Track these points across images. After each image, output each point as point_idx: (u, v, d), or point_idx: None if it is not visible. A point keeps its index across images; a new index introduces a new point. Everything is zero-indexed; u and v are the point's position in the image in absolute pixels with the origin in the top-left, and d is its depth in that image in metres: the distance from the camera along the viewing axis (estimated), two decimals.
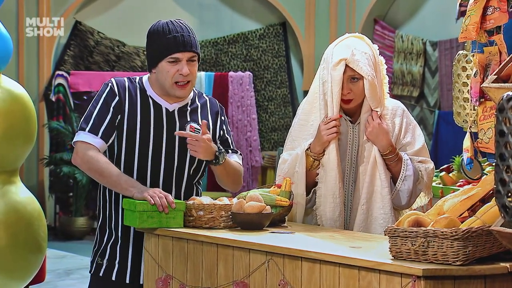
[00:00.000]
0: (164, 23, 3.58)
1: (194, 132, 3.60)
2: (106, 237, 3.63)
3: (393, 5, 10.40)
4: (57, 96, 10.12)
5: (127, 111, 3.59)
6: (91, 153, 3.52)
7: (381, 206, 3.61)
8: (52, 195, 10.17)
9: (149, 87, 3.64)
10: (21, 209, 4.05)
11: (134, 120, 3.58)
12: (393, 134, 3.69)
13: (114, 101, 3.58)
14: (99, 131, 3.55)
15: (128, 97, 3.60)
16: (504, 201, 2.45)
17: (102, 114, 3.57)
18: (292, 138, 3.76)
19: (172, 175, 3.61)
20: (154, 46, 3.57)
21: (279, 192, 3.58)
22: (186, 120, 3.64)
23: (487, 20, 3.14)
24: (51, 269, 7.46)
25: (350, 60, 3.58)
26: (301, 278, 3.00)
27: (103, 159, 3.53)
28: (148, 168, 3.58)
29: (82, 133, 3.57)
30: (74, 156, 3.58)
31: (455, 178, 6.29)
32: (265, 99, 10.94)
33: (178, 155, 3.61)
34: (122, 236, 3.60)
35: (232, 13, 11.03)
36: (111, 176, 3.49)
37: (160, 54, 3.55)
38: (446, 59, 9.56)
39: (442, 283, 2.69)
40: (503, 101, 2.45)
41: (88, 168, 3.54)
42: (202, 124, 3.57)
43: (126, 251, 3.60)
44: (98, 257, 3.63)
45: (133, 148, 3.57)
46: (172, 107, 3.63)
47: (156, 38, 3.56)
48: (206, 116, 3.69)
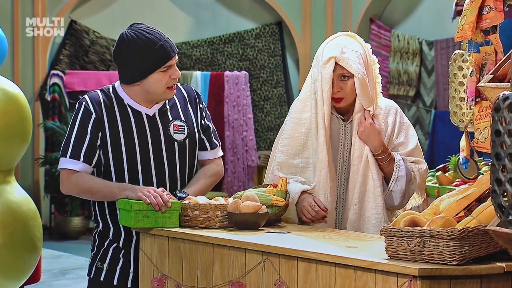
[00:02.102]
0: (138, 34, 3.48)
1: (179, 130, 3.59)
2: (106, 243, 3.61)
3: (389, 4, 10.40)
4: (53, 96, 10.11)
5: (108, 125, 3.54)
6: (74, 178, 3.52)
7: (373, 206, 3.61)
8: (48, 194, 10.16)
9: (125, 96, 3.58)
10: (17, 209, 4.04)
11: (116, 132, 3.54)
12: (386, 134, 3.68)
13: (91, 121, 3.53)
14: (80, 155, 3.52)
15: (106, 111, 3.55)
16: (500, 200, 2.44)
17: (81, 137, 3.53)
18: (285, 137, 3.75)
19: (165, 181, 3.59)
20: (141, 60, 3.48)
21: (275, 192, 3.57)
22: (168, 120, 3.61)
23: (483, 19, 3.13)
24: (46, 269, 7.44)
25: (339, 58, 3.58)
26: (297, 278, 3.00)
27: (86, 177, 3.52)
28: (140, 179, 3.55)
29: (64, 160, 3.55)
30: (61, 185, 3.59)
31: (451, 178, 6.30)
32: (261, 98, 10.94)
33: (167, 159, 3.59)
34: (124, 242, 3.58)
35: (228, 13, 11.02)
36: (101, 190, 3.49)
37: (153, 66, 3.48)
38: (442, 59, 9.56)
39: (438, 283, 2.69)
40: (499, 100, 2.44)
41: (79, 191, 3.55)
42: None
43: (128, 256, 3.58)
44: (98, 261, 3.61)
45: (121, 161, 3.54)
46: (151, 111, 3.59)
47: (141, 52, 3.47)
48: (186, 108, 3.66)
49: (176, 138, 3.60)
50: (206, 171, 3.71)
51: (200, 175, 3.69)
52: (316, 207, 3.57)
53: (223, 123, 10.30)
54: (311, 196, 3.61)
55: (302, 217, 3.63)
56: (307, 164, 3.70)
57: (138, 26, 3.55)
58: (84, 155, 3.53)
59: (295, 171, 3.71)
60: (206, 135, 3.70)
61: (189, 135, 3.62)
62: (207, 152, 3.72)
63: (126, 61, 3.53)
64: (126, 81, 3.56)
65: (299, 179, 3.68)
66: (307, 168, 3.70)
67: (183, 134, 3.61)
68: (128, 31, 3.54)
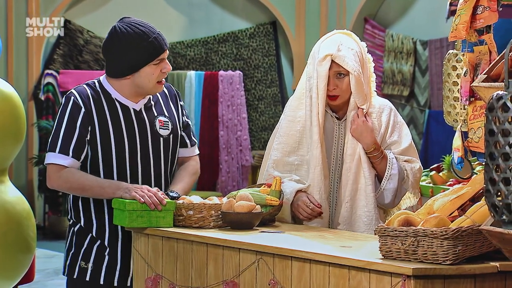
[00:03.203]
0: (131, 27, 3.48)
1: (163, 126, 3.59)
2: (87, 241, 3.56)
3: (383, 4, 10.41)
4: (46, 95, 10.09)
5: (97, 119, 3.52)
6: (64, 173, 3.48)
7: (364, 204, 3.61)
8: (42, 194, 10.14)
9: (113, 90, 3.56)
10: (10, 209, 4.03)
11: (106, 127, 3.53)
12: (379, 132, 3.68)
13: (81, 115, 3.51)
14: (69, 151, 3.49)
15: (95, 106, 3.53)
16: (494, 200, 2.45)
17: (70, 132, 3.50)
18: (280, 134, 3.75)
19: (150, 176, 3.57)
20: (133, 53, 3.46)
21: (269, 192, 3.57)
22: (153, 115, 3.61)
23: (477, 19, 3.14)
24: (40, 269, 7.43)
25: (336, 55, 3.58)
26: (291, 277, 3.00)
27: (77, 173, 3.49)
28: (128, 174, 3.54)
29: (52, 154, 3.51)
30: (47, 180, 3.53)
31: (445, 178, 6.30)
32: (255, 98, 10.93)
33: (153, 155, 3.57)
34: (110, 240, 3.55)
35: (222, 12, 11.01)
36: (93, 187, 3.46)
37: (145, 59, 3.47)
38: (437, 58, 9.57)
39: (432, 283, 2.69)
40: (493, 100, 2.44)
41: (69, 188, 3.51)
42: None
43: (115, 254, 3.55)
44: (81, 260, 3.55)
45: (109, 155, 3.52)
46: (138, 106, 3.59)
47: (134, 45, 3.45)
48: (168, 105, 3.67)
49: (162, 134, 3.60)
50: (189, 169, 3.70)
51: (183, 173, 3.68)
52: (311, 205, 3.57)
53: (217, 123, 10.30)
54: (305, 194, 3.61)
55: (298, 216, 3.63)
56: (302, 162, 3.70)
57: (129, 20, 3.54)
58: (73, 151, 3.49)
59: (290, 169, 3.71)
60: (186, 132, 3.72)
61: (173, 131, 3.64)
62: (187, 149, 3.73)
63: (118, 54, 3.50)
64: (116, 74, 3.54)
65: (293, 178, 3.68)
66: (302, 166, 3.70)
67: (168, 130, 3.62)
68: (119, 24, 3.52)
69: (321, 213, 3.59)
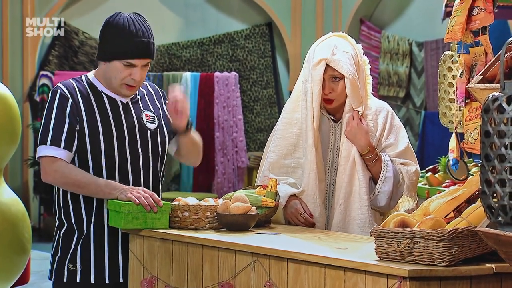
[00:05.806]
0: (126, 20, 3.50)
1: (150, 120, 3.60)
2: (74, 242, 3.54)
3: (379, 5, 10.42)
4: (42, 97, 10.07)
5: (84, 111, 3.50)
6: (60, 167, 3.44)
7: (358, 206, 3.61)
8: (37, 196, 10.12)
9: (99, 83, 3.57)
10: (5, 211, 4.03)
11: (94, 119, 3.50)
12: (374, 135, 3.68)
13: (69, 105, 3.48)
14: (60, 142, 3.45)
15: (81, 97, 3.52)
16: (490, 201, 2.45)
17: (60, 123, 3.47)
18: (276, 137, 3.75)
19: (139, 169, 3.56)
20: (111, 42, 3.48)
21: (265, 193, 3.57)
22: (140, 109, 3.61)
23: (472, 20, 3.14)
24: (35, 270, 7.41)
25: (330, 59, 3.58)
26: (287, 279, 2.99)
27: (74, 170, 3.45)
28: (116, 167, 3.51)
29: (44, 147, 3.47)
30: (42, 174, 3.48)
31: (441, 179, 6.30)
32: (251, 99, 10.93)
33: (142, 148, 3.56)
34: (95, 237, 3.52)
35: (218, 13, 11.01)
36: (89, 185, 3.43)
37: (117, 54, 3.47)
38: (432, 60, 9.58)
39: (428, 284, 2.69)
40: (488, 101, 2.44)
41: (64, 183, 3.47)
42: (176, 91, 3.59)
43: (101, 253, 3.52)
44: (68, 263, 3.53)
45: (98, 147, 3.49)
46: (125, 99, 3.59)
47: (115, 35, 3.47)
48: (154, 101, 3.67)
49: (149, 127, 3.60)
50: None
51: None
52: (304, 215, 3.58)
53: (213, 124, 10.29)
54: (299, 202, 3.61)
55: (291, 222, 3.64)
56: (298, 164, 3.70)
57: (137, 16, 3.56)
58: (65, 142, 3.46)
59: (287, 171, 3.71)
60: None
61: (159, 126, 3.64)
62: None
63: (105, 35, 3.52)
64: (100, 55, 3.55)
65: (289, 181, 3.68)
66: (299, 168, 3.70)
67: (154, 124, 3.62)
68: (127, 14, 3.56)
69: (314, 223, 3.60)
